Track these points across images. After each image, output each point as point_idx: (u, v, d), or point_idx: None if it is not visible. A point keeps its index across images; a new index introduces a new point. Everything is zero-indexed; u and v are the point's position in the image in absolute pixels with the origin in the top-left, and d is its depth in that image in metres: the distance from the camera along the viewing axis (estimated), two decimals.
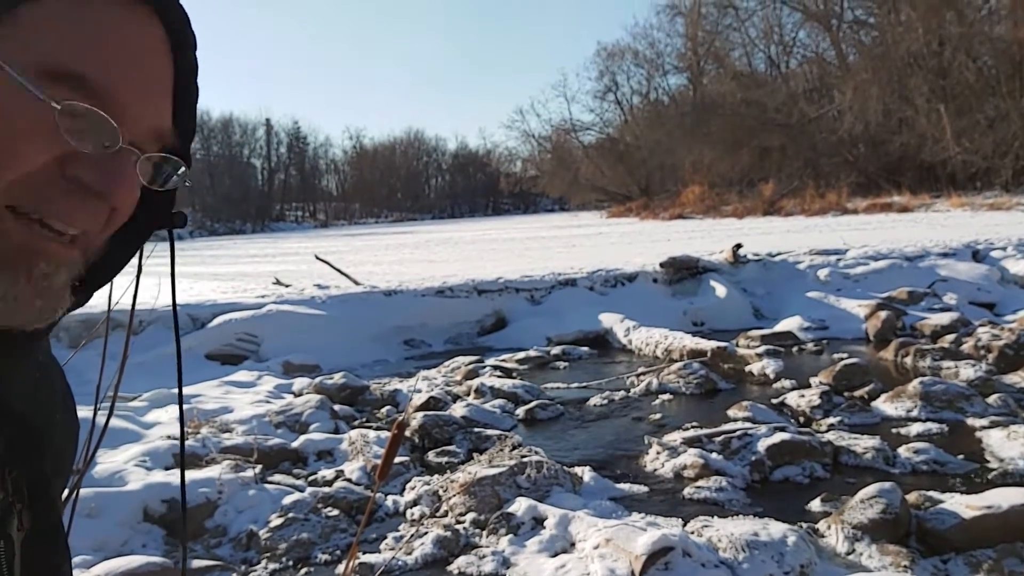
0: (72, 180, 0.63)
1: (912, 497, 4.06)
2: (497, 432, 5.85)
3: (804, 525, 3.90)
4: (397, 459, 5.04)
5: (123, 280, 1.32)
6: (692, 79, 51.72)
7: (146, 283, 0.93)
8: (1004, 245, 11.62)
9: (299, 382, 7.63)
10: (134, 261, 0.81)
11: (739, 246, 11.74)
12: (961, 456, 4.93)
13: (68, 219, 0.64)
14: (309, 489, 4.75)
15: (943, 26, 32.83)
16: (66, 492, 0.89)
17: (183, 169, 0.72)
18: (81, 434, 0.90)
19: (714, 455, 4.95)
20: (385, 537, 4.13)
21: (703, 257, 11.62)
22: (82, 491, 1.42)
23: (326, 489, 4.68)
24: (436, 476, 4.93)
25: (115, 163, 0.64)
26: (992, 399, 5.98)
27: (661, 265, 11.35)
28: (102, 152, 0.63)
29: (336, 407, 6.57)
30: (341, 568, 3.84)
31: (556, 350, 9.11)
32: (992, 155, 29.87)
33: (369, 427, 6.15)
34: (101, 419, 1.33)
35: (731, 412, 6.01)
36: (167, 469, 4.89)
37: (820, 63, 43.78)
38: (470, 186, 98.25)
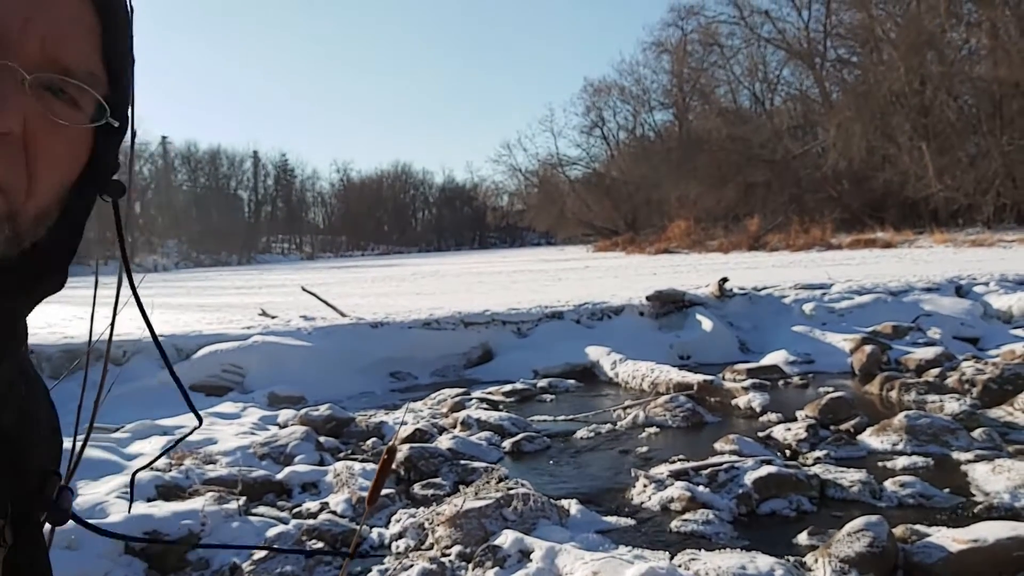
0: None
1: (899, 531, 4.06)
2: (483, 464, 5.82)
3: (791, 558, 3.89)
4: (383, 491, 4.99)
5: (106, 311, 1.31)
6: (678, 115, 52.41)
7: (131, 313, 0.91)
8: (987, 280, 11.75)
9: (284, 414, 7.56)
10: (126, 291, 0.78)
11: (725, 280, 11.80)
12: (947, 490, 4.93)
13: None
14: (293, 521, 4.70)
15: (924, 66, 33.47)
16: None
17: (108, 112, 0.68)
18: None
19: (701, 488, 4.94)
20: (370, 570, 4.08)
21: (689, 291, 11.66)
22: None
23: (311, 521, 4.63)
24: (422, 508, 4.89)
25: None
26: (977, 433, 6.00)
27: (647, 299, 11.37)
28: None
29: (321, 439, 6.51)
30: None
31: (543, 383, 9.08)
32: (974, 192, 30.34)
33: (355, 459, 6.09)
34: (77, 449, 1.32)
35: (717, 445, 6.00)
36: (149, 501, 4.82)
37: (804, 100, 44.51)
38: (457, 220, 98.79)
